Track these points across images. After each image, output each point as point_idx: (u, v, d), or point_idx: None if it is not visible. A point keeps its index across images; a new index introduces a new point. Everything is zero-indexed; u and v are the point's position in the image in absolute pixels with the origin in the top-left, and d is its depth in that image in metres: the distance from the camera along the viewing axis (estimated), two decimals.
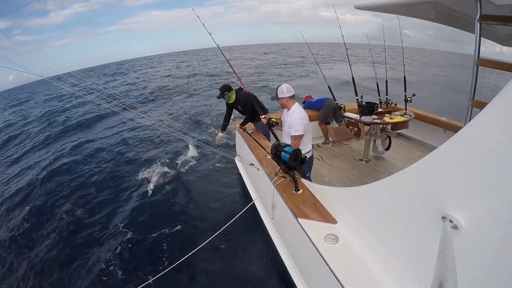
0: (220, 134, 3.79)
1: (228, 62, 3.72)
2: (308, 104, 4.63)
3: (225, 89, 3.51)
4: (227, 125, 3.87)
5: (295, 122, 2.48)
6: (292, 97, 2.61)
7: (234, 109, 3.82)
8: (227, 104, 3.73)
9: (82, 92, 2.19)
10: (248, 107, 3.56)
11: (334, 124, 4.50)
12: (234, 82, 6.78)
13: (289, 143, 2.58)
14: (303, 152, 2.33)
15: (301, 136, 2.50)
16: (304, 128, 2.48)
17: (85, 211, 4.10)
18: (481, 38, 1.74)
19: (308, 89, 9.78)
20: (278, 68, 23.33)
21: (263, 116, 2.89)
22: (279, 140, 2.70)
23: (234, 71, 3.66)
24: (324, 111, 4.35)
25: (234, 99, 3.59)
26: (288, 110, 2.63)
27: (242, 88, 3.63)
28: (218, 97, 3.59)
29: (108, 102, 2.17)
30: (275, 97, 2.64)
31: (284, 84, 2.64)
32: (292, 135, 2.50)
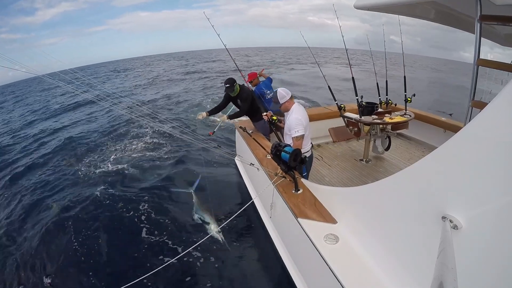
0: (204, 113, 3.61)
1: (234, 62, 3.67)
2: (259, 90, 3.89)
3: (234, 81, 3.43)
4: (216, 113, 3.73)
5: (294, 123, 2.49)
6: (291, 97, 2.62)
7: (231, 103, 3.75)
8: (227, 95, 3.63)
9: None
10: (248, 103, 3.52)
11: None
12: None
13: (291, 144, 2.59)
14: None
15: (302, 136, 2.50)
16: (303, 127, 2.49)
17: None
18: (481, 38, 1.74)
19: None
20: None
21: (265, 114, 2.88)
22: (280, 139, 2.70)
23: (239, 70, 3.60)
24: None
25: (238, 92, 3.52)
26: (288, 111, 2.64)
27: (245, 85, 3.62)
28: (228, 91, 3.47)
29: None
30: (278, 104, 2.62)
31: (279, 89, 2.62)
32: (293, 136, 2.50)
